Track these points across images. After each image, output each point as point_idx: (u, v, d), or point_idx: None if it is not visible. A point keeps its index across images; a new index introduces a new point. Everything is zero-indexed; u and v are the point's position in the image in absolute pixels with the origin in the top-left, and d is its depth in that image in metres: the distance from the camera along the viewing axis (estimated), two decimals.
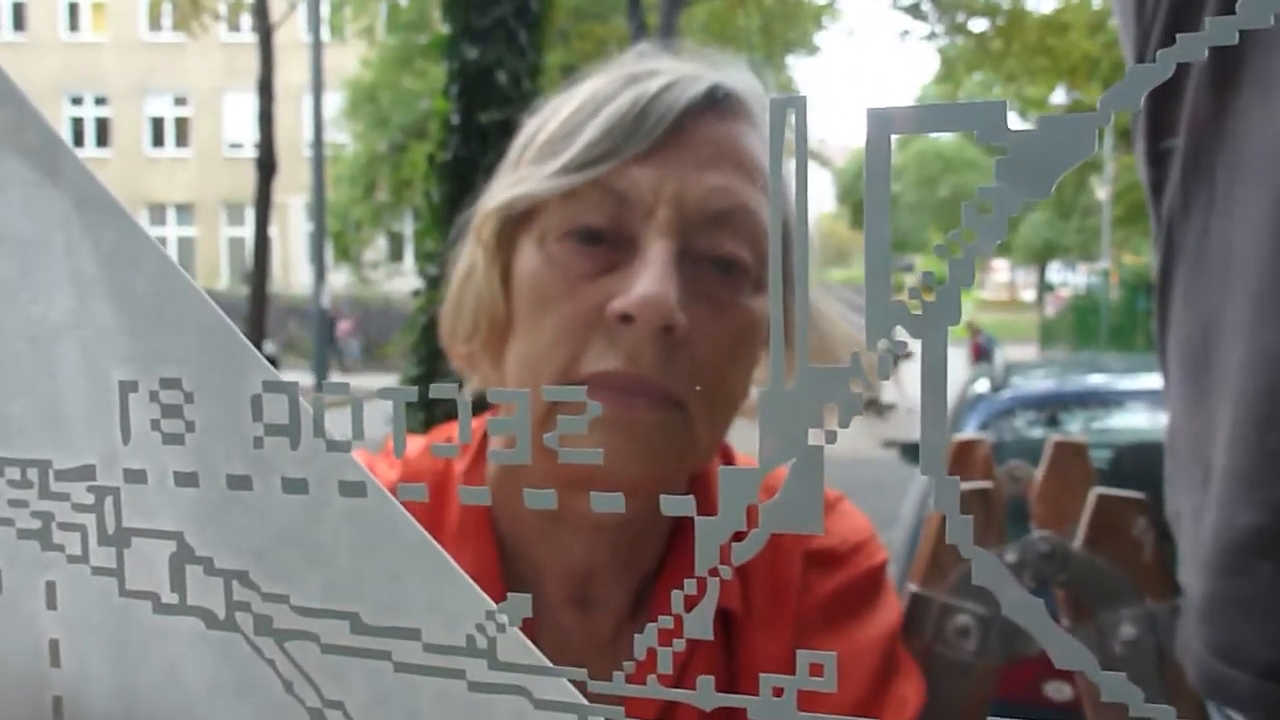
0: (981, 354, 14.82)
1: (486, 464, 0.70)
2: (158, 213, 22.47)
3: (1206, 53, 0.19)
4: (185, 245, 22.14)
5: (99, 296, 0.28)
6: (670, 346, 0.59)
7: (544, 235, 0.64)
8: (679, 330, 0.59)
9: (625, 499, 0.23)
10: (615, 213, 0.62)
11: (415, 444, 0.74)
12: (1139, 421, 3.67)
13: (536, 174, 0.64)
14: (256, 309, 13.45)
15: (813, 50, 16.97)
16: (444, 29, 6.76)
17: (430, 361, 6.14)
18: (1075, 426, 3.70)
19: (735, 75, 0.67)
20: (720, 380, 0.64)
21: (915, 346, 0.21)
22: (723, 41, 14.62)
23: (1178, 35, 0.19)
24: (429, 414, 6.31)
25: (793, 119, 0.21)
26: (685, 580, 0.23)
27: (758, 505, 0.23)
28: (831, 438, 0.22)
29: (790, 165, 0.23)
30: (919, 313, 0.21)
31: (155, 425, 0.26)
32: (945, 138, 29.91)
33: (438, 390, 0.24)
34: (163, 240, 0.32)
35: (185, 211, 22.90)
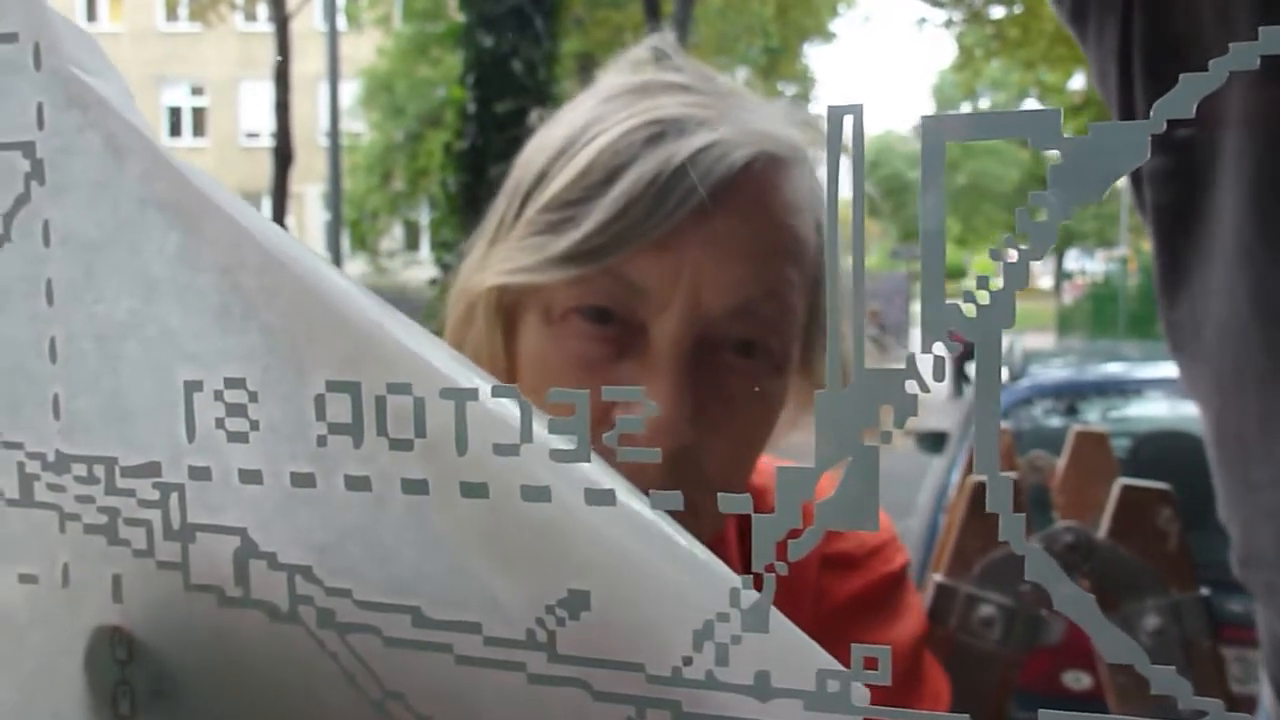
0: (965, 343, 14.72)
1: None
2: None
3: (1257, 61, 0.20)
4: None
5: (164, 296, 0.28)
6: (681, 459, 0.54)
7: (549, 309, 0.58)
8: (689, 446, 0.54)
9: None
10: (626, 300, 0.56)
11: None
12: (1158, 410, 3.66)
13: (539, 253, 0.57)
14: None
15: (829, 37, 16.89)
16: (459, 18, 6.77)
17: None
18: (1093, 415, 3.69)
19: (770, 124, 0.59)
20: (734, 472, 0.60)
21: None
22: (737, 28, 14.56)
23: (1231, 45, 0.20)
24: None
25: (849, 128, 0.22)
26: (741, 576, 0.24)
27: (813, 504, 0.24)
28: (887, 438, 0.23)
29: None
30: (973, 316, 0.22)
31: (220, 424, 0.27)
32: None
33: (500, 390, 0.25)
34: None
35: None
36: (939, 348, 0.22)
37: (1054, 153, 0.21)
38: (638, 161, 0.55)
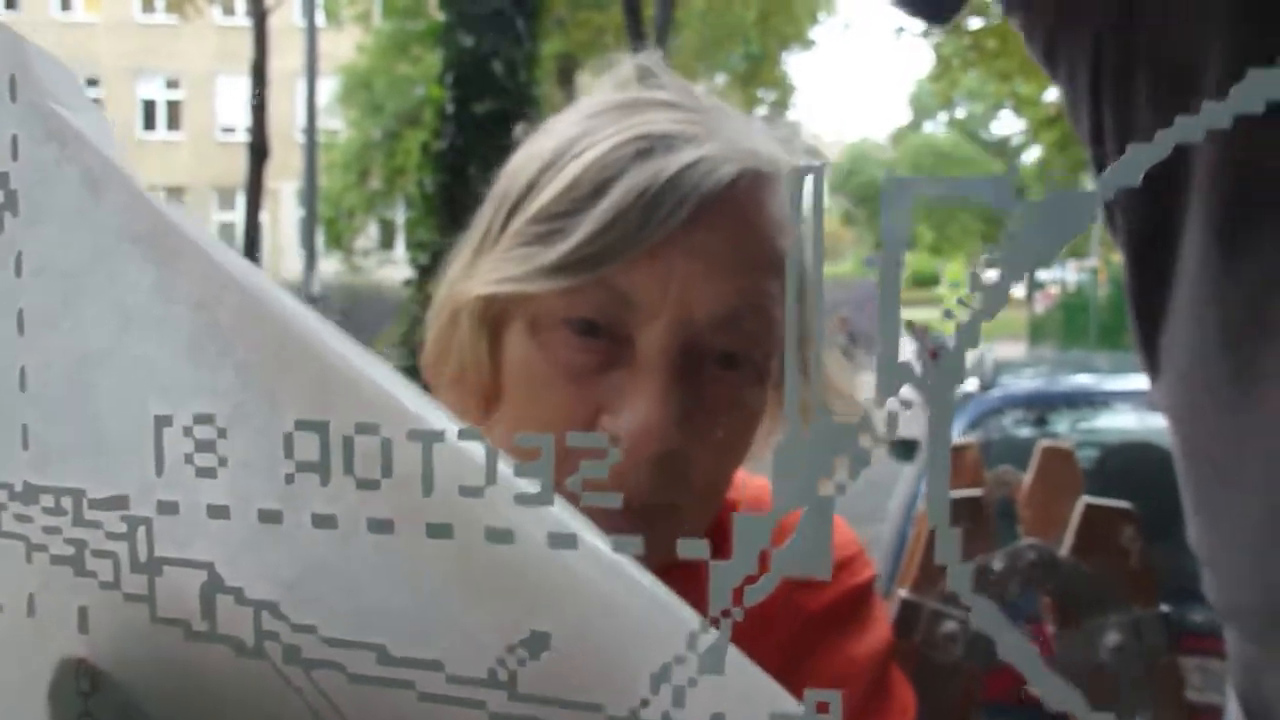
0: (937, 355, 14.79)
1: None
2: None
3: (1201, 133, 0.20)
4: None
5: (138, 330, 0.29)
6: (666, 465, 0.56)
7: (536, 319, 0.59)
8: (676, 451, 0.56)
9: None
10: (614, 310, 0.57)
11: None
12: (1126, 422, 3.70)
13: (527, 263, 0.58)
14: None
15: (808, 45, 16.97)
16: (440, 16, 6.75)
17: (421, 350, 6.14)
18: (1063, 426, 3.73)
19: (755, 141, 0.61)
20: (719, 477, 0.61)
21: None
22: (719, 33, 14.60)
23: (1176, 119, 0.20)
24: None
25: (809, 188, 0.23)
26: (700, 619, 0.24)
27: (770, 551, 0.24)
28: (842, 490, 0.24)
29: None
30: (924, 373, 0.23)
31: (189, 459, 0.28)
32: (941, 132, 29.91)
33: (466, 433, 0.26)
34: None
35: (176, 195, 22.78)
36: (893, 403, 0.23)
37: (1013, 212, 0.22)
38: (627, 175, 0.56)
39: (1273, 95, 0.20)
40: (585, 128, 0.60)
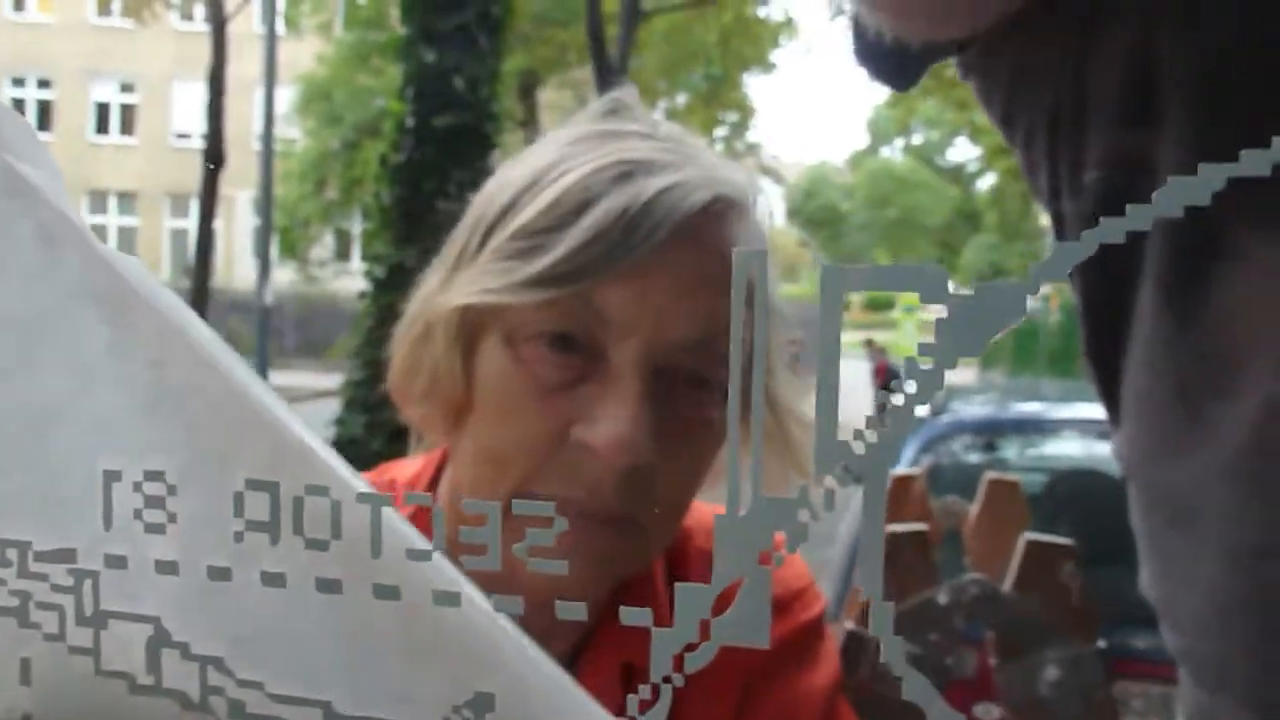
0: (887, 374, 14.90)
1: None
2: (99, 201, 22.05)
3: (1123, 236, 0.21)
4: (126, 235, 21.74)
5: (94, 385, 0.29)
6: (634, 478, 0.58)
7: (511, 333, 0.60)
8: (645, 465, 0.58)
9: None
10: (591, 326, 0.59)
11: None
12: (1072, 449, 3.76)
13: (507, 276, 0.59)
14: (198, 303, 13.24)
15: (769, 68, 17.13)
16: (402, 29, 6.71)
17: (375, 366, 6.10)
18: (1012, 452, 3.78)
19: (725, 170, 0.64)
20: (683, 495, 0.63)
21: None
22: (681, 54, 14.68)
23: (1102, 219, 0.22)
24: (371, 417, 6.27)
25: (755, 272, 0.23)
26: (641, 686, 0.25)
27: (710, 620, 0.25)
28: (779, 561, 0.24)
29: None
30: (862, 452, 0.24)
31: (138, 515, 0.28)
32: (898, 158, 30.26)
33: (414, 498, 0.26)
34: (102, 229, 0.32)
35: (127, 200, 22.49)
36: (830, 481, 0.24)
37: (940, 307, 0.23)
38: (607, 196, 0.59)
39: (1195, 199, 0.22)
40: (564, 153, 0.62)
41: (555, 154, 0.63)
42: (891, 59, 0.59)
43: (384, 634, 0.27)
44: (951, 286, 0.23)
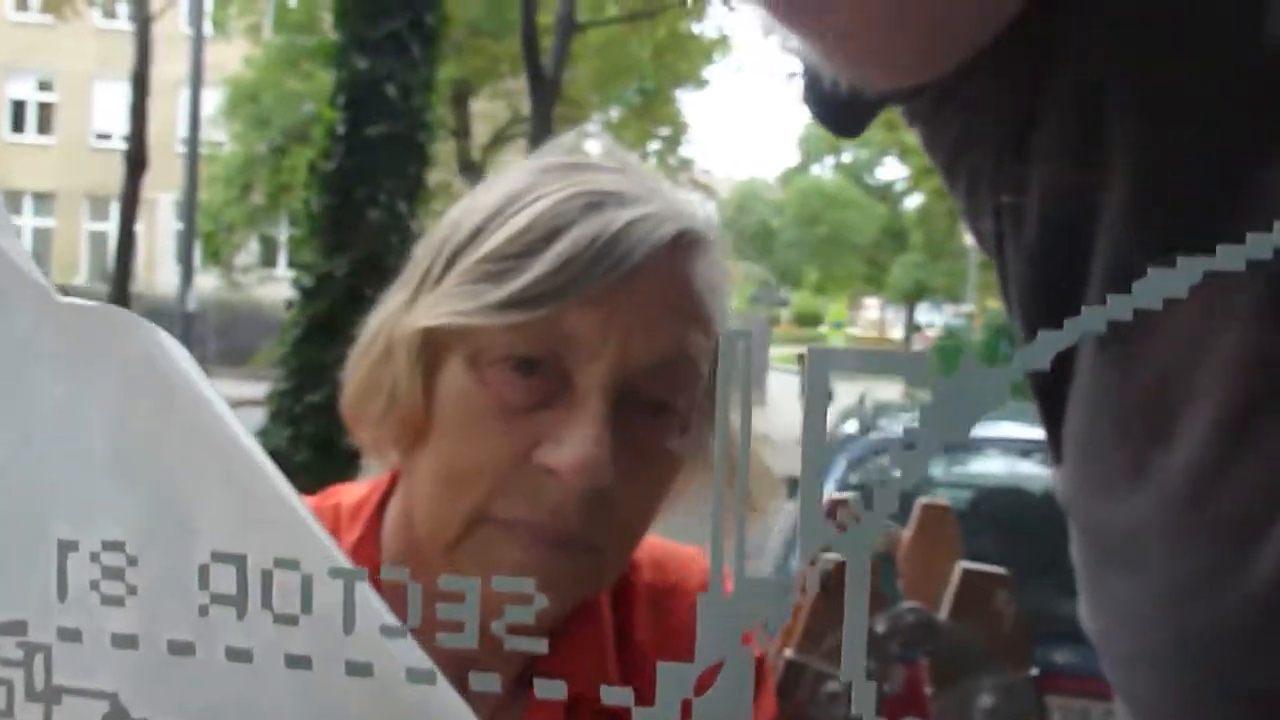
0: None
1: (381, 536, 0.69)
2: (14, 201, 21.33)
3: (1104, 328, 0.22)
4: (42, 237, 21.11)
5: (44, 445, 0.28)
6: (596, 501, 0.59)
7: (476, 356, 0.61)
8: (607, 488, 0.59)
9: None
10: (556, 349, 0.60)
11: None
12: (996, 467, 3.84)
13: (476, 299, 0.60)
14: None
15: (702, 84, 17.26)
16: (335, 36, 6.62)
17: (300, 375, 5.99)
18: (938, 470, 3.85)
19: (692, 206, 0.65)
20: (640, 521, 0.64)
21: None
22: (615, 68, 14.73)
23: (1065, 321, 0.22)
24: (296, 429, 6.16)
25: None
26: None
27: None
28: (764, 641, 0.24)
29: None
30: (844, 534, 0.24)
31: (95, 586, 0.27)
32: (828, 175, 30.68)
33: (391, 572, 0.25)
34: (17, 231, 0.30)
35: (44, 201, 21.84)
36: (825, 560, 0.24)
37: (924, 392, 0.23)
38: (578, 224, 0.60)
39: (1172, 292, 0.22)
40: (533, 181, 0.64)
41: (525, 182, 0.64)
42: (842, 107, 0.59)
43: (355, 712, 0.26)
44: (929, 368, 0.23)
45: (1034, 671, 0.98)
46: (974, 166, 0.58)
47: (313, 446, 5.76)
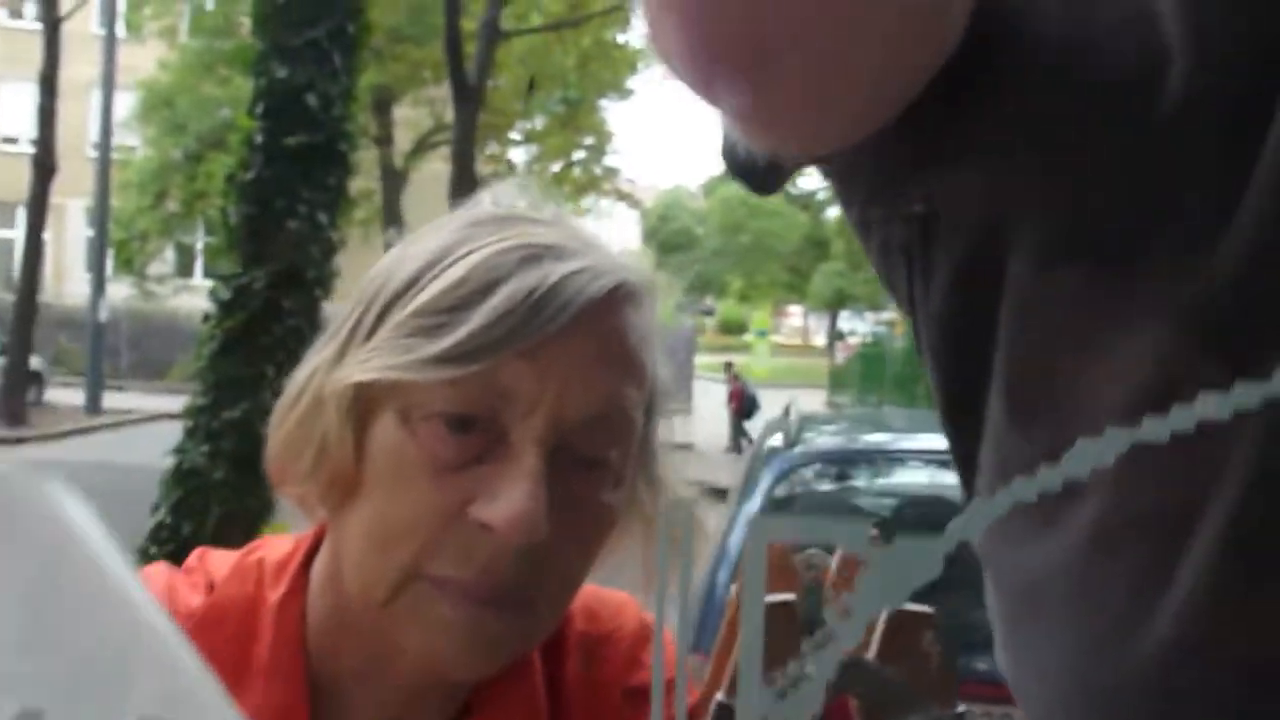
0: (742, 399, 15.22)
1: (308, 593, 0.68)
2: None
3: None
4: None
5: None
6: (530, 557, 0.58)
7: (409, 411, 0.60)
8: (542, 544, 0.58)
9: None
10: (491, 404, 0.59)
11: (222, 563, 0.71)
12: (919, 477, 3.92)
13: (410, 354, 0.59)
14: (23, 318, 12.48)
15: (626, 93, 17.30)
16: (254, 43, 6.49)
17: (218, 390, 5.86)
18: (862, 481, 3.91)
19: (627, 259, 0.65)
20: (574, 576, 0.64)
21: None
22: (539, 76, 14.70)
23: (1014, 481, 0.22)
24: (214, 445, 6.02)
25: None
26: None
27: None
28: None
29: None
30: (784, 700, 0.24)
31: None
32: None
33: None
34: None
35: None
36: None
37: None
38: (515, 277, 0.60)
39: (1100, 461, 0.23)
40: (467, 235, 0.63)
41: (457, 235, 0.64)
42: (760, 169, 0.60)
43: None
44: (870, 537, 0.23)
45: (960, 709, 0.99)
46: (885, 227, 0.59)
47: (231, 463, 5.62)
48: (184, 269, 19.64)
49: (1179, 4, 0.47)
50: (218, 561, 0.70)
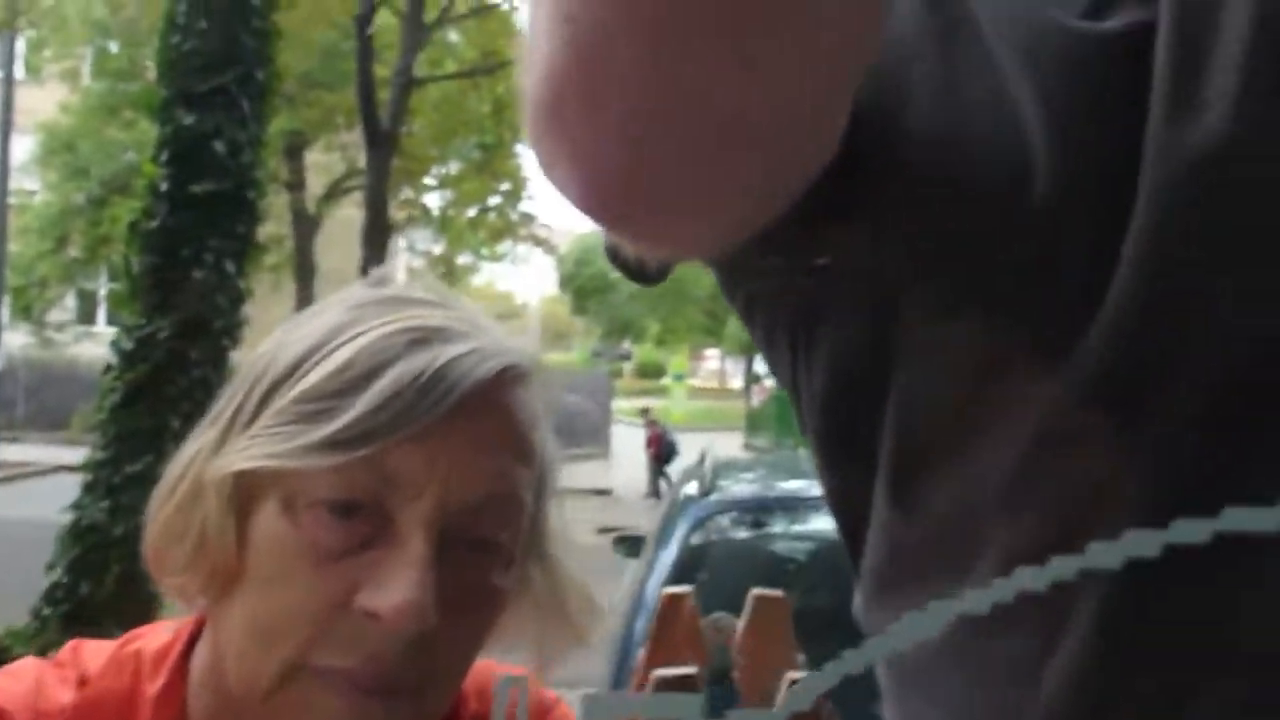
0: (661, 444, 15.25)
1: (188, 684, 0.65)
2: None
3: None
4: None
5: None
6: (418, 645, 0.57)
7: (292, 499, 0.59)
8: (430, 631, 0.57)
9: None
10: (377, 490, 0.58)
11: (97, 655, 0.68)
12: (833, 523, 3.96)
13: (292, 440, 0.58)
14: None
15: None
16: (159, 90, 6.36)
17: (119, 444, 5.67)
18: (778, 527, 3.93)
19: (514, 341, 0.65)
20: (463, 661, 0.63)
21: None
22: (453, 121, 14.69)
23: (845, 651, 0.22)
24: (114, 500, 5.81)
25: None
26: None
27: None
28: None
29: None
30: None
31: None
32: None
33: None
34: None
35: None
36: None
37: None
38: (401, 361, 0.59)
39: (925, 633, 0.22)
40: (353, 317, 0.62)
41: (344, 317, 0.63)
42: (644, 269, 0.60)
43: None
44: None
45: None
46: (767, 315, 0.60)
47: (132, 520, 5.43)
48: (86, 316, 19.08)
49: (1038, 108, 0.48)
50: (92, 653, 0.68)
